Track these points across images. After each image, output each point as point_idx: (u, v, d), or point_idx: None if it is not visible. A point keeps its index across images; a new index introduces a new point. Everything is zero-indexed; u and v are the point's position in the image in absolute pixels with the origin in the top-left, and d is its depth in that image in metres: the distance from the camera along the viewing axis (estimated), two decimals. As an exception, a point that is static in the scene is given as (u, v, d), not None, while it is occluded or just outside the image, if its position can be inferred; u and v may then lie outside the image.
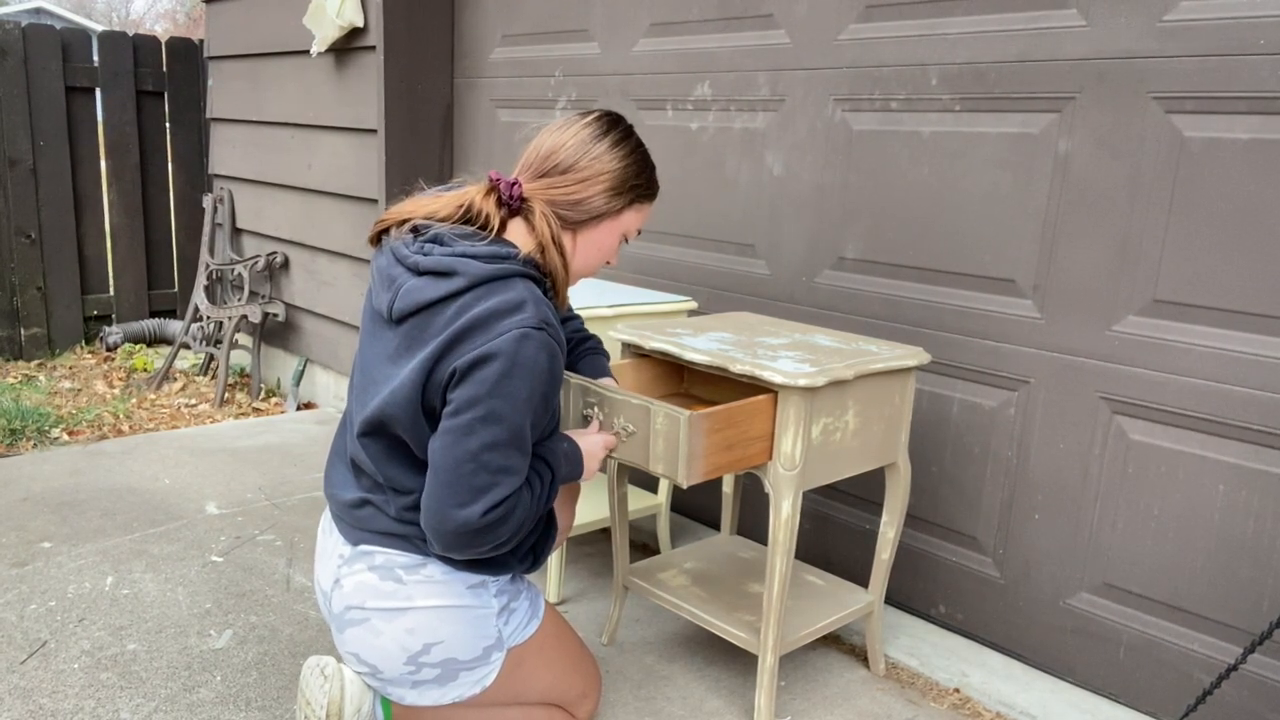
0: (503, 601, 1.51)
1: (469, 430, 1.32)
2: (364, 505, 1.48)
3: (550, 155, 1.48)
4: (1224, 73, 1.66)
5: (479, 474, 1.33)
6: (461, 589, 1.46)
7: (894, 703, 1.93)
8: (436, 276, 1.38)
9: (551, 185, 1.47)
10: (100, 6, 32.40)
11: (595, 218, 1.50)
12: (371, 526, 1.46)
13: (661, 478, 1.71)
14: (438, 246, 1.40)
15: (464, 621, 1.46)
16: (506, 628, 1.51)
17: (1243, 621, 1.74)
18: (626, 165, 1.50)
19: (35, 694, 1.81)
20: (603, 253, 1.56)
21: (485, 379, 1.31)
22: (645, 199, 1.55)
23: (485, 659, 1.49)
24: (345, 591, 1.47)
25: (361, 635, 1.46)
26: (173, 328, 4.66)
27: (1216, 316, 1.72)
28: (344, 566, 1.48)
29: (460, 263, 1.37)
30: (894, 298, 2.17)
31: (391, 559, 1.45)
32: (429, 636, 1.44)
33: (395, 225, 1.47)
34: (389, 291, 1.42)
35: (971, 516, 2.10)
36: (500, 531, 1.36)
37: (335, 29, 3.24)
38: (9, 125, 4.15)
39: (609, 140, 1.49)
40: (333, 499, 1.55)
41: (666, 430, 1.55)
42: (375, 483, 1.47)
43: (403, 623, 1.44)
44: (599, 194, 1.48)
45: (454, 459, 1.33)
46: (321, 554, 1.56)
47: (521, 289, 1.37)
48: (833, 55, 2.22)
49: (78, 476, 2.89)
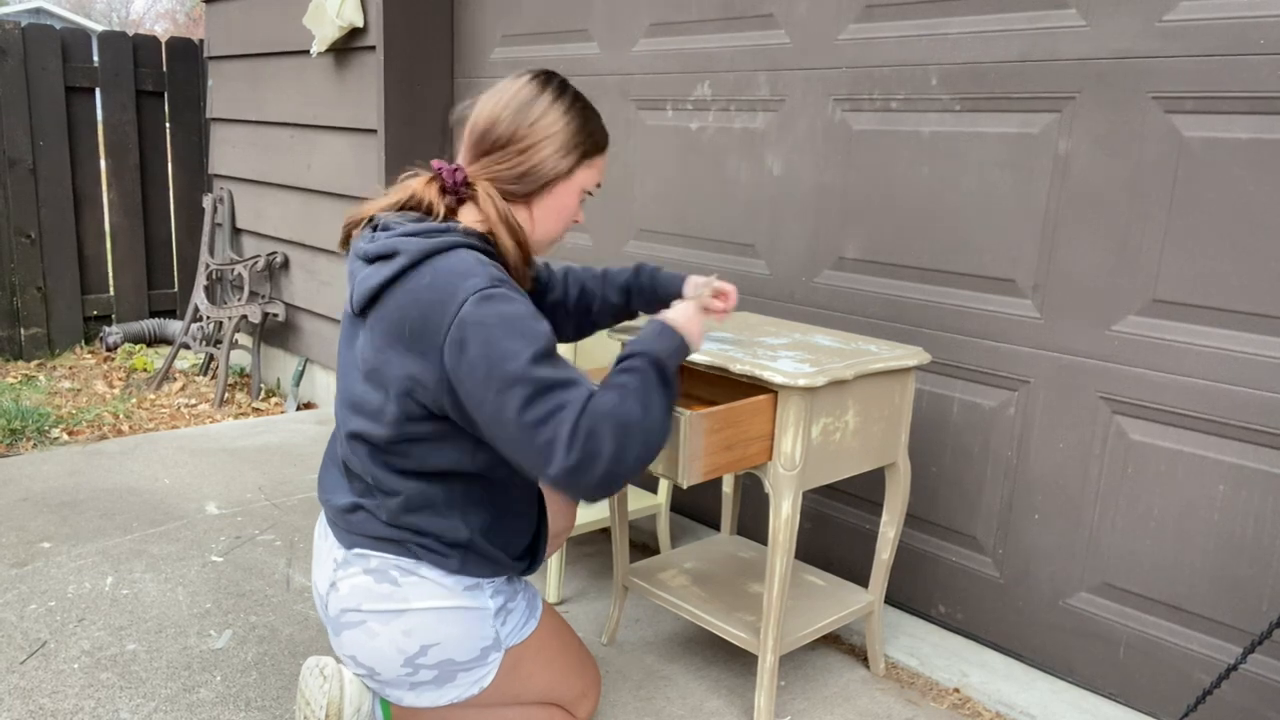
0: (499, 602, 1.50)
1: (499, 410, 1.27)
2: (356, 510, 1.47)
3: (488, 130, 1.43)
4: (1224, 73, 1.66)
5: (531, 433, 1.26)
6: (458, 590, 1.45)
7: (894, 703, 1.93)
8: (382, 261, 1.37)
9: (493, 163, 1.43)
10: (100, 6, 32.40)
11: (546, 184, 1.45)
12: (365, 531, 1.45)
13: (661, 478, 1.71)
14: (383, 233, 1.40)
15: (461, 623, 1.45)
16: (504, 628, 1.51)
17: (1242, 621, 1.74)
18: (568, 122, 1.44)
19: (35, 694, 1.81)
20: (564, 216, 1.50)
21: (474, 362, 1.28)
22: (595, 152, 1.49)
23: (483, 660, 1.48)
24: (341, 594, 1.46)
25: (358, 638, 1.45)
26: (173, 328, 4.66)
27: (1216, 316, 1.72)
28: (339, 570, 1.47)
29: (400, 242, 1.36)
30: (894, 298, 2.17)
31: (386, 561, 1.44)
32: (426, 638, 1.43)
33: (357, 226, 1.48)
34: (350, 285, 1.43)
35: (971, 516, 2.10)
36: (605, 453, 1.26)
37: (335, 29, 3.24)
38: (9, 125, 4.15)
39: (545, 100, 1.43)
40: (326, 504, 1.54)
41: None
42: (367, 485, 1.46)
43: (399, 625, 1.43)
44: (544, 159, 1.43)
45: (510, 441, 1.29)
46: (318, 557, 1.55)
47: (466, 255, 1.34)
48: (833, 55, 2.22)
49: (77, 476, 2.89)
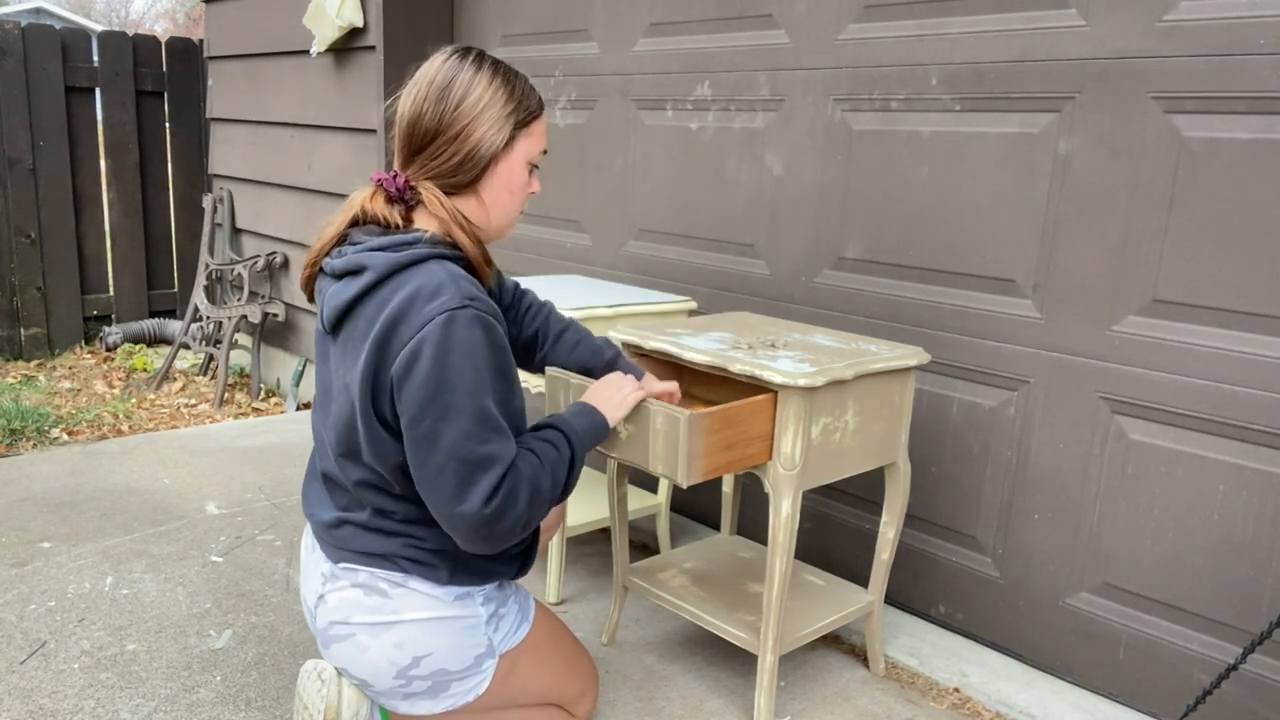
0: (491, 609, 1.48)
1: (433, 434, 1.28)
2: (342, 525, 1.45)
3: (413, 125, 1.37)
4: (1224, 73, 1.66)
5: (461, 469, 1.29)
6: (449, 600, 1.44)
7: (894, 702, 1.93)
8: (350, 277, 1.36)
9: (427, 159, 1.37)
10: (100, 6, 32.39)
11: (488, 165, 1.39)
12: (351, 546, 1.44)
13: (661, 478, 1.71)
14: (350, 248, 1.38)
15: (452, 632, 1.44)
16: (496, 634, 1.49)
17: (1242, 621, 1.74)
18: (493, 94, 1.37)
19: (35, 694, 1.81)
20: (516, 193, 1.44)
21: (425, 378, 1.27)
22: (531, 118, 1.42)
23: (477, 667, 1.47)
24: (330, 607, 1.45)
25: (348, 651, 1.44)
26: (172, 328, 4.66)
27: (1216, 316, 1.72)
28: (327, 583, 1.46)
29: (368, 257, 1.34)
30: (894, 298, 2.17)
31: (375, 575, 1.43)
32: (417, 649, 1.42)
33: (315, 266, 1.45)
34: (320, 302, 1.42)
35: (971, 516, 2.10)
36: (515, 513, 1.32)
37: (335, 29, 3.24)
38: (9, 125, 4.14)
39: (463, 77, 1.37)
40: (312, 518, 1.52)
41: (666, 430, 1.55)
42: (353, 500, 1.44)
43: (390, 637, 1.42)
44: (479, 140, 1.37)
45: (434, 466, 1.29)
46: (305, 570, 1.53)
47: (436, 270, 1.32)
48: (832, 55, 2.22)
49: (77, 476, 2.89)
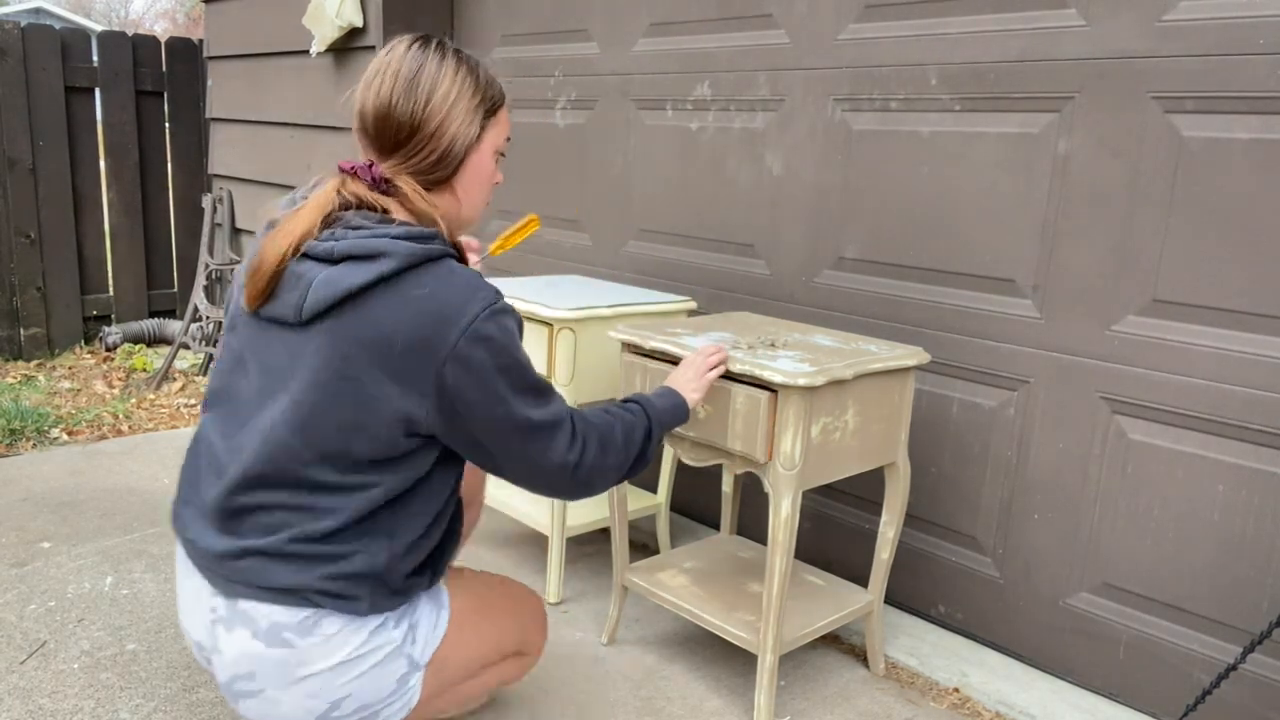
0: (404, 628, 1.38)
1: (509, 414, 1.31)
2: (244, 556, 1.28)
3: (384, 120, 1.33)
4: (1223, 73, 1.67)
5: (540, 434, 1.34)
6: (362, 636, 1.32)
7: (894, 702, 1.93)
8: (359, 261, 1.25)
9: (407, 156, 1.34)
10: (99, 6, 32.39)
11: (462, 160, 1.37)
12: (254, 581, 1.28)
13: (738, 456, 1.72)
14: (351, 231, 1.28)
15: (368, 668, 1.34)
16: (416, 646, 1.39)
17: (1242, 621, 1.74)
18: (463, 85, 1.35)
19: (35, 694, 1.81)
20: (484, 183, 1.43)
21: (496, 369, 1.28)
22: (496, 107, 1.41)
23: (402, 688, 1.38)
24: (228, 660, 1.32)
25: (260, 706, 1.33)
26: (172, 328, 4.66)
27: (1216, 316, 1.72)
28: (220, 626, 1.32)
29: (388, 243, 1.25)
30: (894, 298, 2.17)
31: (276, 621, 1.28)
32: (334, 694, 1.32)
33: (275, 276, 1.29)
34: (294, 292, 1.27)
35: (971, 516, 2.10)
36: (589, 457, 1.39)
37: (334, 29, 3.24)
38: (9, 125, 4.14)
39: (430, 69, 1.33)
40: (191, 545, 1.35)
41: (746, 410, 1.64)
42: (266, 525, 1.29)
43: (301, 690, 1.31)
44: (455, 135, 1.35)
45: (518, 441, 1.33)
46: (186, 599, 1.38)
47: (455, 266, 1.30)
48: (832, 55, 2.22)
49: (77, 476, 2.89)
